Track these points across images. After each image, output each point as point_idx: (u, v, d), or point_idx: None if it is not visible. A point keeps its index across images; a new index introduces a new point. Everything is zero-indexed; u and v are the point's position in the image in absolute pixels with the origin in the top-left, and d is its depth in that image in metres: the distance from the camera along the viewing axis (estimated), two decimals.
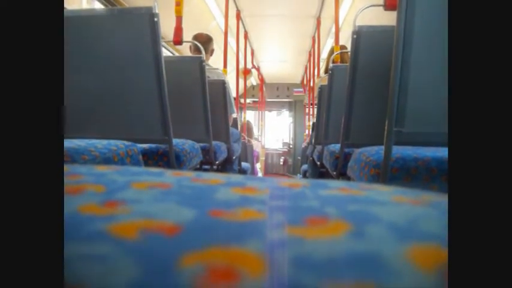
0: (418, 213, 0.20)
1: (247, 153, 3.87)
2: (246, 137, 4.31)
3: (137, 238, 0.17)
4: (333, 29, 3.39)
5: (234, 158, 2.45)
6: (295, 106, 8.97)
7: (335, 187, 0.26)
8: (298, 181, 0.28)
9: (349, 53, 1.48)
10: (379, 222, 0.19)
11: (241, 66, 5.16)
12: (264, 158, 7.33)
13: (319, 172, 2.32)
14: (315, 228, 0.18)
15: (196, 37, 2.50)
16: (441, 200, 0.24)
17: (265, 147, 8.33)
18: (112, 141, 1.02)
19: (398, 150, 0.99)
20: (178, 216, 0.19)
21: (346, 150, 1.50)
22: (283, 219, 0.19)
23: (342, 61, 2.60)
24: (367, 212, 0.20)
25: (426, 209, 0.21)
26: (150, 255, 0.16)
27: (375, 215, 0.20)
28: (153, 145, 1.36)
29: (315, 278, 0.15)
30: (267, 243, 0.17)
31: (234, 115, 2.71)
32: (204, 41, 2.40)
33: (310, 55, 6.01)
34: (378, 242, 0.17)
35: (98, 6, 3.01)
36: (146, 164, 1.26)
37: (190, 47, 2.57)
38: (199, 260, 0.16)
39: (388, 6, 1.36)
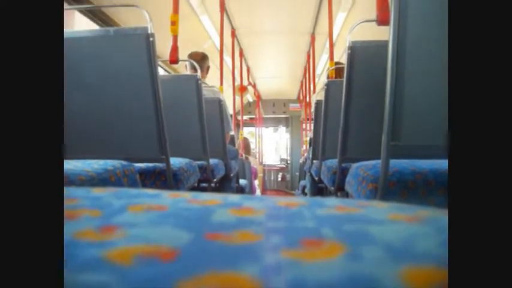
0: (415, 232, 0.20)
1: (245, 170, 3.86)
2: (244, 154, 4.30)
3: (133, 265, 0.17)
4: (327, 45, 3.43)
5: (232, 175, 2.44)
6: (291, 122, 8.99)
7: (332, 205, 0.26)
8: (296, 200, 0.28)
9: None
10: (374, 244, 0.19)
11: (237, 83, 5.19)
12: (262, 175, 7.31)
13: (317, 187, 2.31)
14: (311, 250, 0.18)
15: (191, 55, 2.51)
16: (438, 216, 0.24)
17: (263, 163, 8.32)
18: (109, 161, 1.02)
19: (395, 164, 0.99)
20: (174, 240, 0.19)
21: (344, 165, 1.50)
22: (279, 241, 0.19)
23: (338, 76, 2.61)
24: (363, 233, 0.20)
25: (423, 227, 0.21)
26: (146, 282, 0.16)
27: (371, 236, 0.20)
28: (150, 164, 1.35)
29: None
30: (263, 267, 0.17)
31: (232, 133, 2.71)
32: (199, 59, 2.41)
33: (305, 71, 6.05)
34: (374, 264, 0.17)
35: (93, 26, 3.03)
36: (143, 184, 1.26)
37: (186, 65, 2.58)
38: (196, 286, 0.15)
39: (381, 22, 1.37)
